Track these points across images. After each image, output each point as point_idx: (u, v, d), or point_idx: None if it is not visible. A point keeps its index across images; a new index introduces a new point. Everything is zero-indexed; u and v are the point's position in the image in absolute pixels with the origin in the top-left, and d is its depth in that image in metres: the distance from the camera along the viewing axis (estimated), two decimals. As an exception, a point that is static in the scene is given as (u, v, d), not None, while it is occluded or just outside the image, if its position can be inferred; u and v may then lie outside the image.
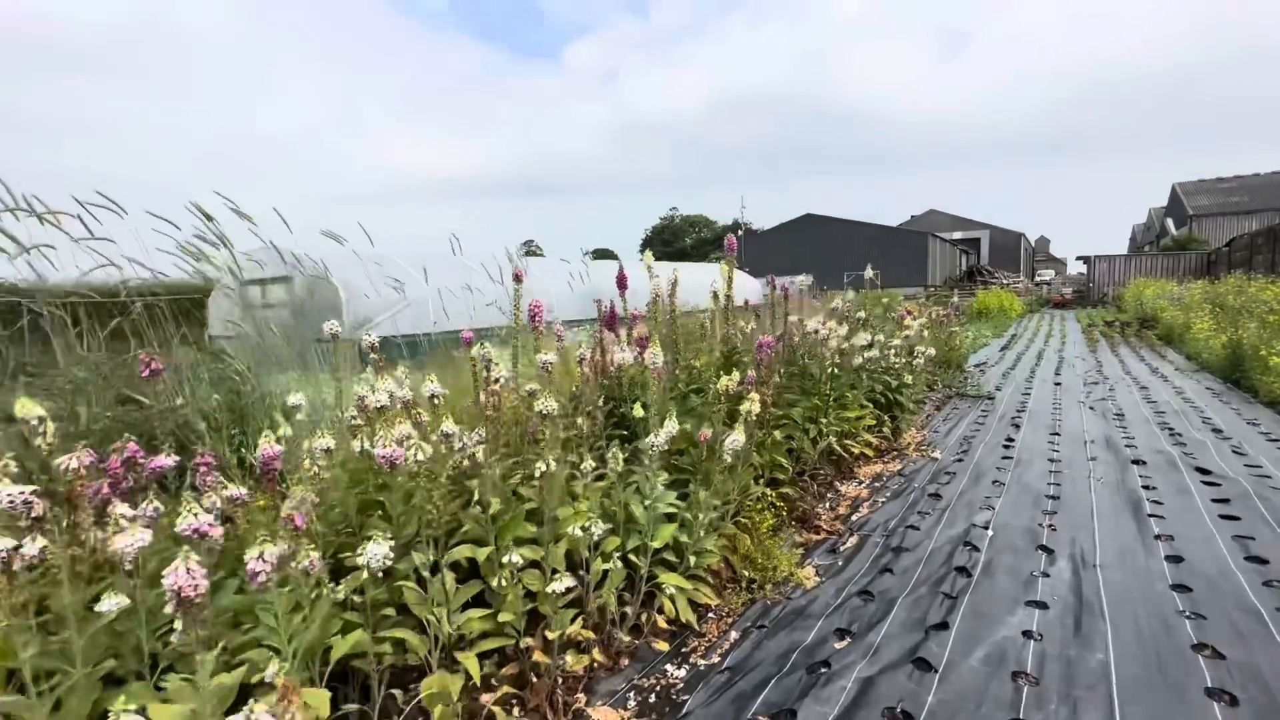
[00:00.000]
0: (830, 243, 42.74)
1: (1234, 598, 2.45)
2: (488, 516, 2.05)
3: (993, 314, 19.85)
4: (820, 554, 3.12)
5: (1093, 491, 3.75)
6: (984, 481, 4.03)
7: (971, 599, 2.53)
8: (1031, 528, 3.24)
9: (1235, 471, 3.94)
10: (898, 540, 3.19)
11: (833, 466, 4.31)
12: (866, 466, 4.55)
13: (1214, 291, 13.38)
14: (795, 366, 4.17)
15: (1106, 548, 2.97)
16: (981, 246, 54.90)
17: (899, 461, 4.66)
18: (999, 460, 4.48)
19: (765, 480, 3.39)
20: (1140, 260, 27.25)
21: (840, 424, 4.23)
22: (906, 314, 7.88)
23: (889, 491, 3.99)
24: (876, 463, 4.68)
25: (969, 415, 6.10)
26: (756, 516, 3.08)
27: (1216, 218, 36.96)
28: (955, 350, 8.87)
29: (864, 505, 3.76)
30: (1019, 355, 10.81)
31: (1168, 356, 9.91)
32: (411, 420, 2.24)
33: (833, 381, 4.30)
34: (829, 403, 4.01)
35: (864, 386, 4.90)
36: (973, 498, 3.74)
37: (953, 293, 28.18)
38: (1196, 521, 3.21)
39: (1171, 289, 16.48)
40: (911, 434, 5.49)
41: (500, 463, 2.22)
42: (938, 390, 7.55)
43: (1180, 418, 5.57)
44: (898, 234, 42.79)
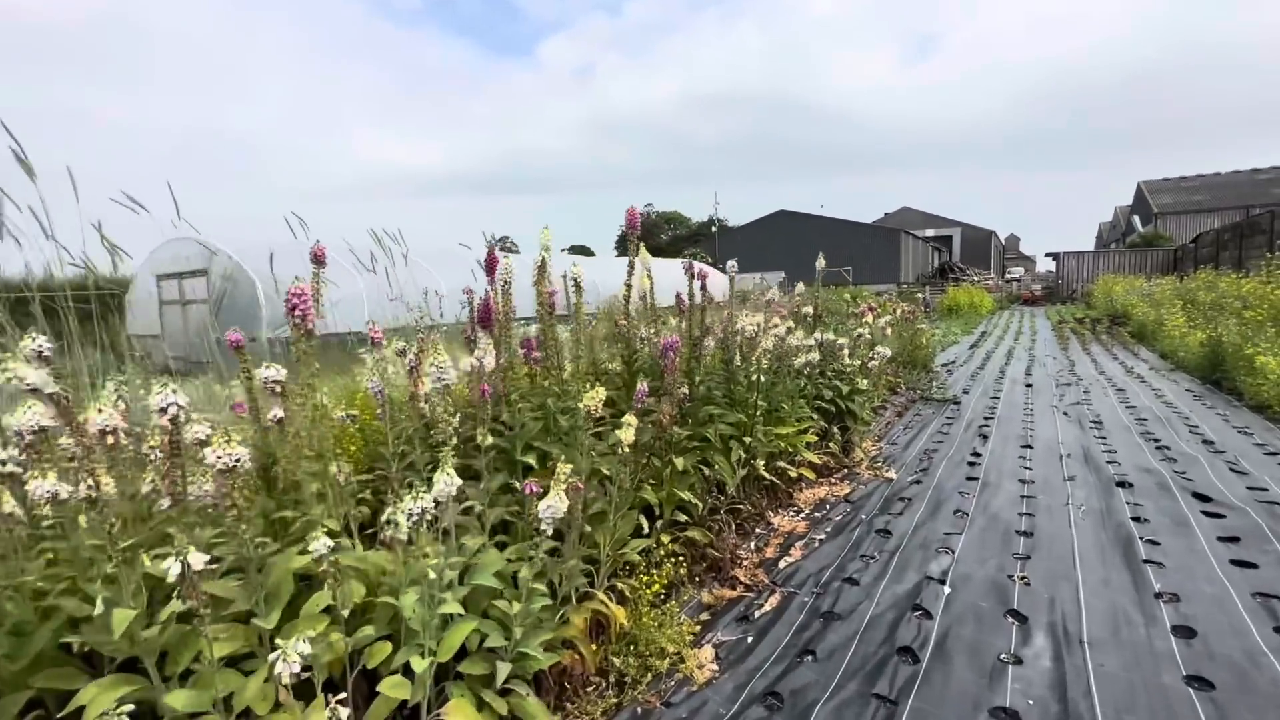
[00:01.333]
0: (804, 239, 42.36)
1: (1273, 699, 1.76)
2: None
3: (963, 311, 19.47)
4: (728, 622, 2.37)
5: (1073, 525, 3.08)
6: (944, 511, 3.34)
7: (916, 703, 1.81)
8: (999, 580, 2.53)
9: (1239, 497, 3.30)
10: (830, 600, 2.46)
11: (766, 494, 3.58)
12: (809, 490, 3.84)
13: (1184, 287, 13.05)
14: (718, 374, 3.43)
15: (1095, 612, 2.27)
16: (954, 244, 55.13)
17: (848, 483, 3.96)
18: (963, 482, 3.80)
19: (664, 524, 2.64)
20: (1108, 257, 27.24)
21: (774, 442, 3.51)
22: (868, 309, 7.23)
23: (831, 525, 3.28)
24: (822, 484, 3.98)
25: (933, 423, 5.44)
26: (645, 577, 2.33)
27: (1180, 215, 37.38)
28: (921, 349, 8.25)
29: (797, 545, 3.03)
30: (989, 354, 10.27)
31: (1141, 355, 9.44)
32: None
33: (766, 391, 3.57)
34: (757, 417, 3.28)
35: (809, 394, 4.19)
36: (929, 535, 3.04)
37: (924, 289, 27.89)
38: (1204, 570, 2.54)
39: (1140, 285, 16.20)
40: (867, 445, 4.80)
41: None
42: (901, 393, 6.91)
43: (1164, 426, 4.97)
44: (871, 231, 42.62)
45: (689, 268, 3.10)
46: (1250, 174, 39.23)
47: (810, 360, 3.75)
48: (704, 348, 3.35)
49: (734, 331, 3.46)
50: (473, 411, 2.45)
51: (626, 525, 2.34)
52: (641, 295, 3.38)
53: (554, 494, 1.51)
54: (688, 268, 3.10)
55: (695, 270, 3.10)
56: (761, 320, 3.61)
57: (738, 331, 3.43)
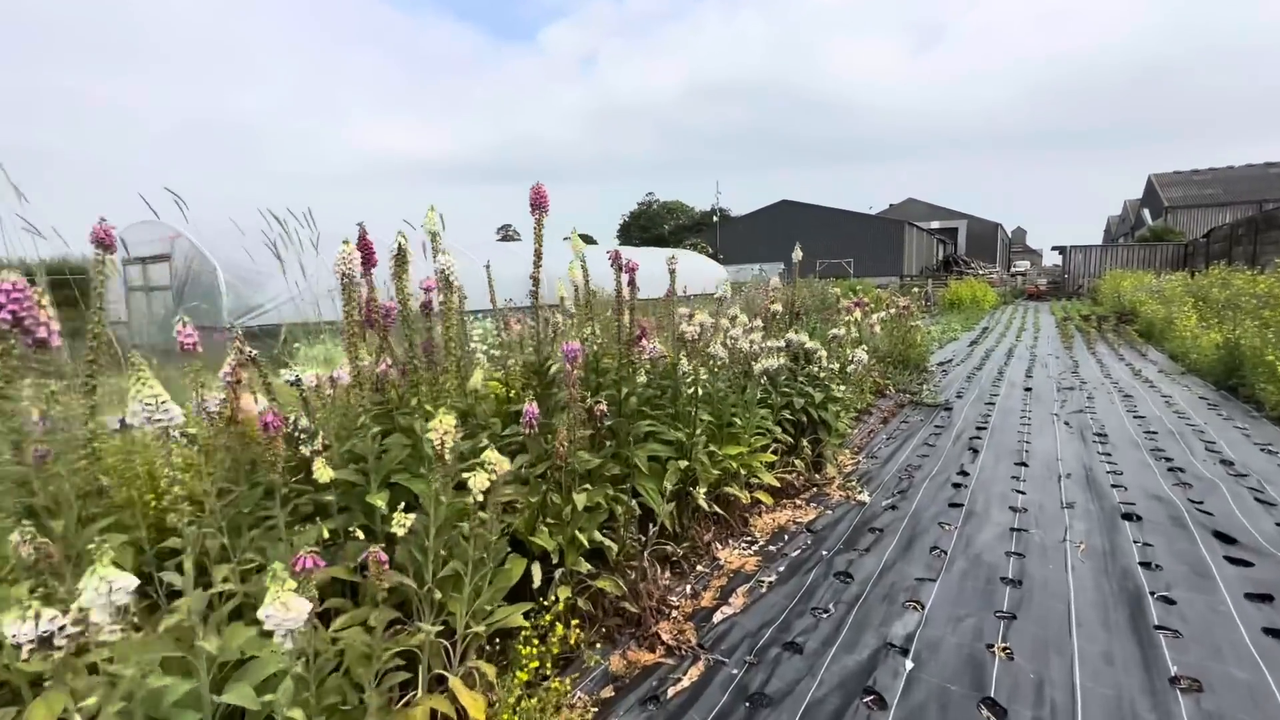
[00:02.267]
0: (806, 230, 41.69)
1: None
2: None
3: (965, 305, 18.90)
4: (632, 705, 1.89)
5: (1070, 571, 2.58)
6: (919, 548, 2.85)
7: None
8: (975, 652, 2.04)
9: (1268, 537, 2.80)
10: (764, 675, 1.98)
11: (716, 522, 3.10)
12: (769, 516, 3.35)
13: (1196, 284, 12.46)
14: (656, 385, 2.94)
15: (1094, 705, 1.78)
16: (959, 236, 54.30)
17: (815, 507, 3.47)
18: (944, 509, 3.30)
19: (565, 573, 2.15)
20: (1116, 251, 26.54)
21: (724, 463, 3.02)
22: (856, 305, 6.71)
23: (786, 562, 2.79)
24: (785, 507, 3.49)
25: (919, 432, 4.94)
26: (526, 649, 1.84)
27: (1191, 209, 36.54)
28: (915, 348, 7.73)
29: (741, 590, 2.55)
30: (988, 352, 9.74)
31: (1150, 355, 8.90)
32: None
33: (716, 403, 3.07)
34: (697, 435, 2.78)
35: (773, 404, 3.69)
36: (898, 580, 2.55)
37: (927, 283, 27.26)
38: (1232, 643, 2.05)
39: (1149, 281, 15.58)
40: (844, 459, 4.31)
41: None
42: (890, 396, 6.40)
43: (1177, 441, 4.45)
44: (874, 222, 41.87)
45: (614, 258, 2.59)
46: (1264, 167, 38.32)
47: (769, 367, 3.24)
48: (642, 353, 2.85)
49: (681, 336, 2.96)
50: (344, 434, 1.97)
51: (502, 583, 1.86)
52: (577, 286, 2.89)
53: (272, 599, 1.01)
54: (613, 257, 2.59)
55: (623, 262, 2.59)
56: (709, 320, 3.11)
57: (682, 335, 2.93)
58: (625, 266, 2.56)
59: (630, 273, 2.57)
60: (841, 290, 16.54)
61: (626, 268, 2.56)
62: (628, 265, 2.56)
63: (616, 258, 2.62)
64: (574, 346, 2.04)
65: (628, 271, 2.56)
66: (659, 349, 3.03)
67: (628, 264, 2.56)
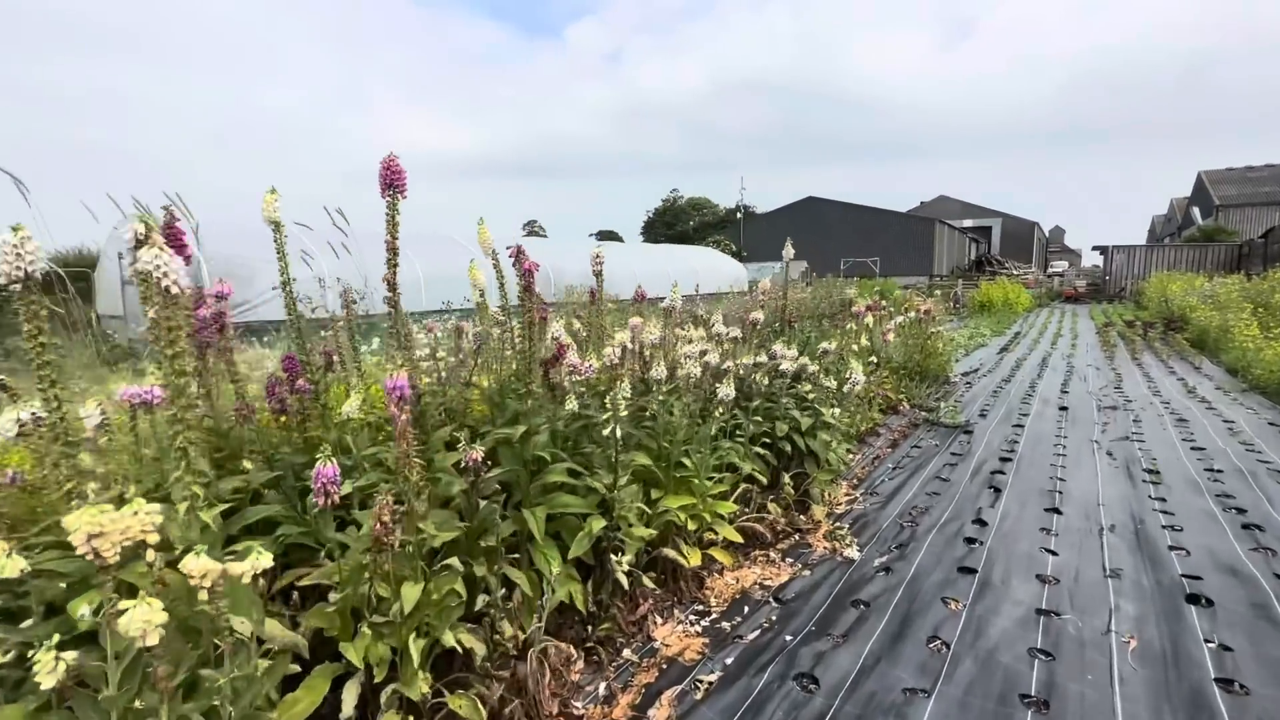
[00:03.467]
0: (832, 228, 40.57)
1: None
2: None
3: (996, 308, 17.84)
4: None
5: (1117, 687, 1.90)
6: (913, 637, 2.18)
7: None
8: (977, 840, 1.39)
9: (1394, 642, 2.07)
10: None
11: (664, 585, 2.48)
12: (734, 573, 2.71)
13: (1255, 289, 11.36)
14: (583, 418, 2.32)
15: None
16: (992, 235, 52.35)
17: (790, 563, 2.82)
18: (951, 575, 2.62)
19: (392, 698, 1.54)
20: (1163, 252, 24.98)
21: (665, 516, 2.39)
22: (867, 309, 5.99)
23: (737, 650, 2.15)
24: (756, 561, 2.85)
25: (932, 461, 4.23)
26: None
27: (1245, 208, 34.43)
28: (935, 357, 6.96)
29: (666, 699, 1.92)
30: (1019, 361, 8.88)
31: (1204, 369, 7.96)
32: None
33: (662, 437, 2.45)
34: (619, 488, 2.16)
35: (747, 433, 3.05)
36: (879, 691, 1.90)
37: (957, 283, 26.04)
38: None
39: (1200, 284, 14.39)
40: (838, 495, 3.65)
41: None
42: (903, 412, 5.68)
43: (1248, 482, 3.67)
44: (903, 220, 40.48)
45: (514, 253, 1.98)
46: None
47: (727, 397, 2.58)
48: (568, 375, 2.24)
49: (629, 353, 2.34)
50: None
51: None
52: (482, 289, 2.30)
53: None
54: (513, 253, 1.98)
55: (524, 261, 1.98)
56: (657, 332, 2.48)
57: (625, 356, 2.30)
58: (524, 266, 1.94)
59: (529, 274, 1.95)
60: (862, 290, 15.71)
61: (524, 267, 1.94)
62: (525, 265, 1.95)
63: (517, 254, 2.01)
64: (399, 382, 1.44)
65: (524, 273, 1.94)
66: (593, 368, 2.41)
67: (525, 263, 1.95)
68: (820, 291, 12.28)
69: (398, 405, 1.44)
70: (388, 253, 1.80)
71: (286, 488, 1.89)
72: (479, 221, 2.51)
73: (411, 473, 1.51)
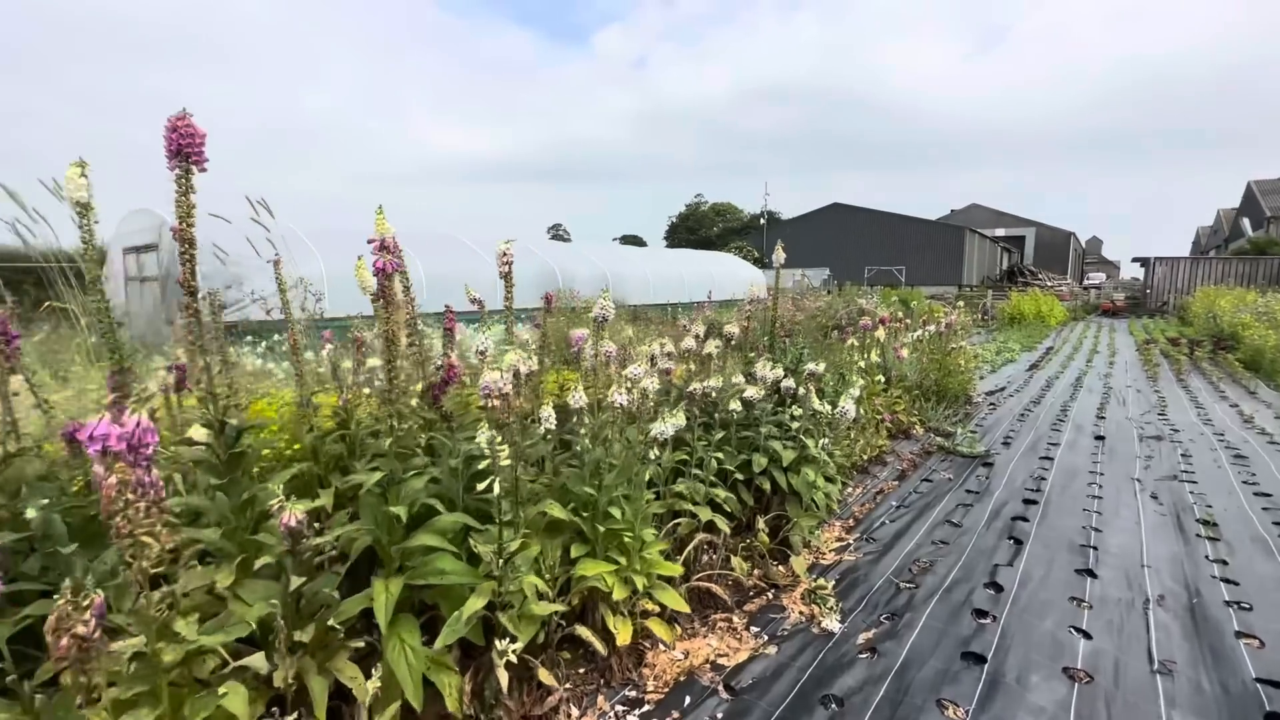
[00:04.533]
0: (858, 235, 39.66)
1: None
2: None
3: (1028, 321, 16.98)
4: None
5: None
6: (893, 762, 1.66)
7: None
8: None
9: None
10: None
11: (590, 661, 1.99)
12: (684, 644, 2.21)
13: (1316, 305, 10.43)
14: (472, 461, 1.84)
15: None
16: (1026, 245, 50.71)
17: (755, 635, 2.30)
18: (955, 661, 2.08)
19: None
20: (1209, 265, 23.66)
21: (584, 584, 1.90)
22: (878, 323, 5.43)
23: (659, 769, 1.65)
24: (713, 627, 2.34)
25: (945, 499, 3.66)
26: None
27: (1299, 220, 32.59)
28: (956, 375, 6.35)
29: (549, 845, 1.43)
30: (1050, 380, 8.18)
31: (1260, 394, 7.18)
32: None
33: (588, 479, 1.96)
34: (509, 547, 1.67)
35: (707, 470, 2.55)
36: None
37: (986, 294, 25.02)
38: None
39: (1254, 299, 13.38)
40: (831, 539, 3.12)
41: None
42: (916, 438, 5.10)
43: (1328, 542, 3.04)
44: (932, 228, 39.32)
45: (380, 247, 1.51)
46: (1390, 174, 33.90)
47: (663, 434, 2.07)
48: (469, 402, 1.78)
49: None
50: None
51: None
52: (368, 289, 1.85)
53: None
54: (379, 246, 1.52)
55: (385, 249, 1.51)
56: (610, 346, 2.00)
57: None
58: (376, 265, 1.48)
59: (384, 274, 1.49)
60: (884, 300, 15.00)
61: (377, 266, 1.48)
62: (378, 264, 1.48)
63: (380, 248, 1.55)
64: (101, 428, 0.98)
65: (377, 272, 1.48)
66: (499, 387, 1.92)
67: (378, 261, 1.49)
68: (837, 301, 11.66)
69: (103, 461, 0.98)
70: (181, 245, 1.35)
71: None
72: (377, 210, 2.08)
73: (140, 549, 1.04)
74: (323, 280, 10.66)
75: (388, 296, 1.48)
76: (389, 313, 1.50)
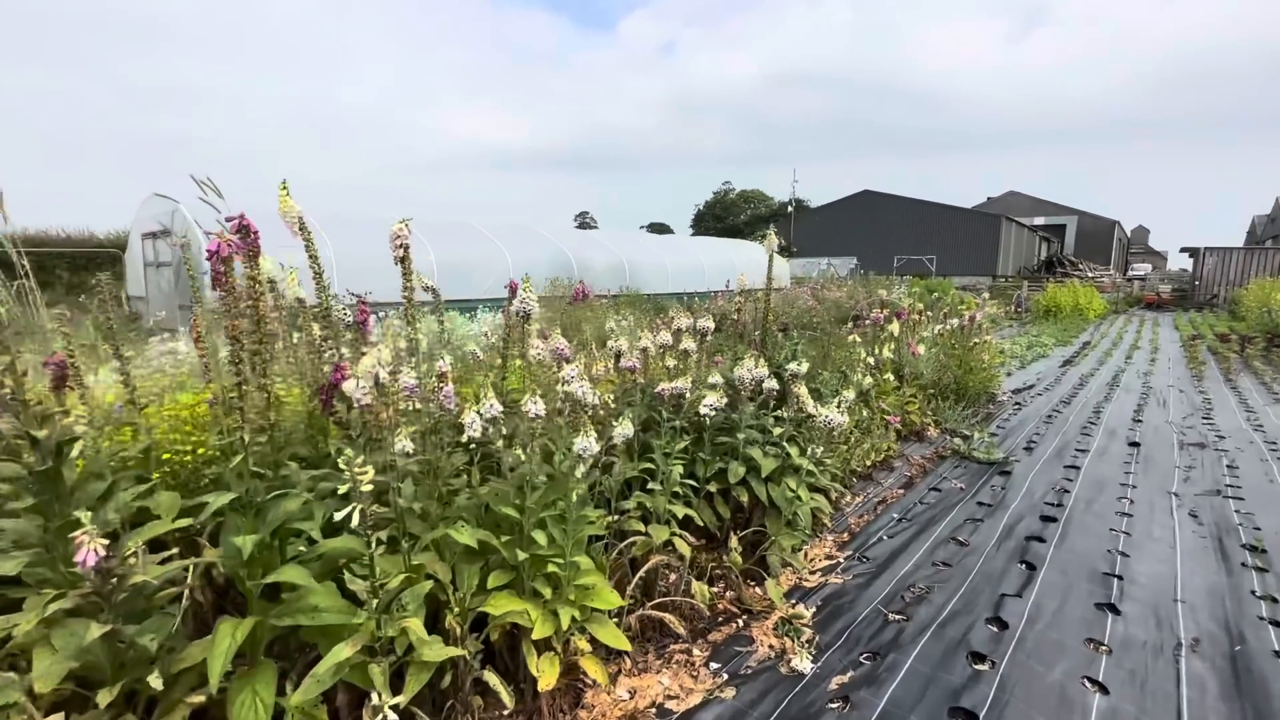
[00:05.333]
0: (888, 223, 38.55)
1: None
2: None
3: (1064, 313, 16.16)
4: None
5: None
6: None
7: None
8: None
9: None
10: None
11: (518, 702, 1.73)
12: (630, 683, 1.95)
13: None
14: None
15: None
16: (1066, 234, 48.73)
17: (713, 674, 2.02)
18: (941, 718, 1.77)
19: None
20: (1265, 255, 22.26)
21: (503, 618, 1.64)
22: (892, 316, 5.04)
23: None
24: (672, 663, 2.07)
25: (949, 515, 3.31)
26: None
27: (1366, 209, 30.56)
28: (978, 373, 5.92)
29: None
30: (1084, 377, 7.65)
31: (1319, 396, 6.57)
32: None
33: (510, 498, 1.70)
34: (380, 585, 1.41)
35: (668, 483, 2.27)
36: None
37: (1021, 285, 23.99)
38: None
39: (1314, 293, 12.43)
40: (818, 555, 2.82)
41: None
42: (931, 438, 4.73)
43: (1400, 577, 2.62)
44: (966, 216, 37.97)
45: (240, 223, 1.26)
46: None
47: (585, 451, 1.78)
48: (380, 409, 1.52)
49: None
50: None
51: None
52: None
53: None
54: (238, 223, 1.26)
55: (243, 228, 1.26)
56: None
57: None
58: (208, 249, 1.23)
59: (219, 258, 1.23)
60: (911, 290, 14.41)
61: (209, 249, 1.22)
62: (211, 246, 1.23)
63: (239, 227, 1.29)
64: None
65: (212, 255, 1.22)
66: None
67: (213, 243, 1.23)
68: (859, 291, 11.17)
69: None
70: None
71: None
72: (280, 186, 1.83)
73: None
74: (332, 266, 10.55)
75: (224, 284, 1.22)
76: (229, 305, 1.25)
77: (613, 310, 6.69)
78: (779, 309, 7.06)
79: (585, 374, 1.78)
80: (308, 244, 1.85)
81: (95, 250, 12.81)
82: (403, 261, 1.60)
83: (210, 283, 1.24)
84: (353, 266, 10.63)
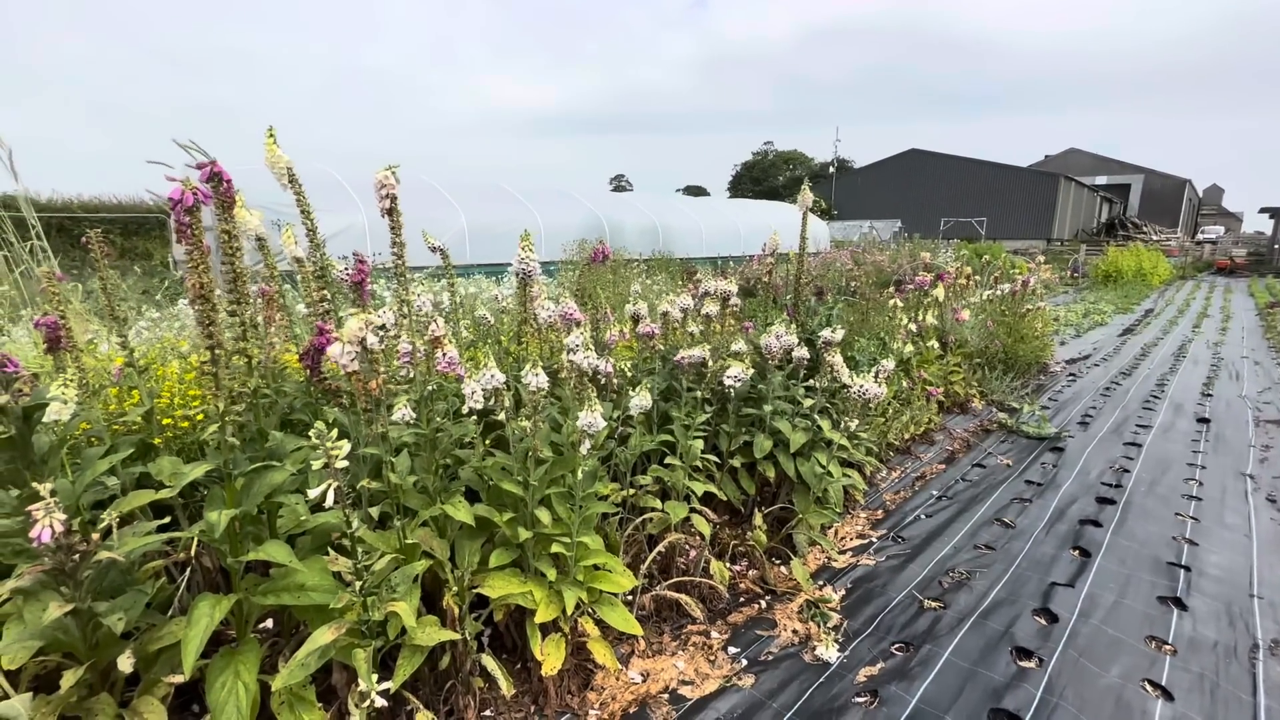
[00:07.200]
0: (935, 184, 36.81)
1: None
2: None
3: (1126, 279, 15.22)
4: None
5: None
6: None
7: None
8: None
9: None
10: None
11: (523, 683, 1.65)
12: (643, 665, 1.85)
13: None
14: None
15: None
16: (1131, 195, 45.76)
17: (731, 659, 1.91)
18: (977, 725, 1.62)
19: None
20: (1356, 216, 20.47)
21: (509, 599, 1.55)
22: (936, 280, 4.73)
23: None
24: (688, 645, 1.97)
25: (994, 494, 3.10)
26: None
27: None
28: (1029, 341, 5.56)
29: None
30: (1145, 348, 7.15)
31: None
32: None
33: (515, 473, 1.59)
34: (366, 567, 1.32)
35: (688, 456, 2.13)
36: None
37: (1079, 249, 22.65)
38: None
39: None
40: (850, 533, 2.66)
41: None
42: (975, 411, 4.46)
43: None
44: (1020, 176, 35.88)
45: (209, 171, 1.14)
46: None
47: (591, 425, 1.63)
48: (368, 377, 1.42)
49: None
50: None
51: None
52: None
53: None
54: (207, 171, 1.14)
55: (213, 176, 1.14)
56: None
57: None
58: (179, 199, 1.10)
59: (182, 208, 1.11)
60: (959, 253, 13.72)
61: (179, 200, 1.10)
62: (180, 197, 1.10)
63: (210, 175, 1.17)
64: None
65: (174, 204, 1.10)
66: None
67: (171, 190, 1.11)
68: (902, 255, 10.66)
69: None
70: None
71: None
72: (267, 132, 1.71)
73: None
74: (365, 231, 10.61)
75: (188, 237, 1.11)
76: (195, 260, 1.13)
77: (642, 273, 6.50)
78: (816, 273, 6.75)
79: (589, 343, 1.63)
80: (299, 197, 1.73)
81: (145, 215, 13.17)
82: (390, 214, 1.46)
83: (174, 236, 1.14)
84: (481, 229, 10.69)
